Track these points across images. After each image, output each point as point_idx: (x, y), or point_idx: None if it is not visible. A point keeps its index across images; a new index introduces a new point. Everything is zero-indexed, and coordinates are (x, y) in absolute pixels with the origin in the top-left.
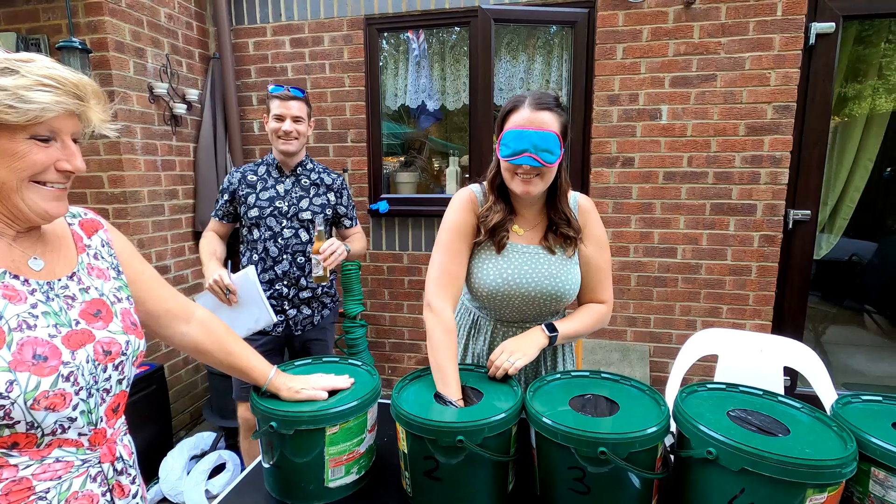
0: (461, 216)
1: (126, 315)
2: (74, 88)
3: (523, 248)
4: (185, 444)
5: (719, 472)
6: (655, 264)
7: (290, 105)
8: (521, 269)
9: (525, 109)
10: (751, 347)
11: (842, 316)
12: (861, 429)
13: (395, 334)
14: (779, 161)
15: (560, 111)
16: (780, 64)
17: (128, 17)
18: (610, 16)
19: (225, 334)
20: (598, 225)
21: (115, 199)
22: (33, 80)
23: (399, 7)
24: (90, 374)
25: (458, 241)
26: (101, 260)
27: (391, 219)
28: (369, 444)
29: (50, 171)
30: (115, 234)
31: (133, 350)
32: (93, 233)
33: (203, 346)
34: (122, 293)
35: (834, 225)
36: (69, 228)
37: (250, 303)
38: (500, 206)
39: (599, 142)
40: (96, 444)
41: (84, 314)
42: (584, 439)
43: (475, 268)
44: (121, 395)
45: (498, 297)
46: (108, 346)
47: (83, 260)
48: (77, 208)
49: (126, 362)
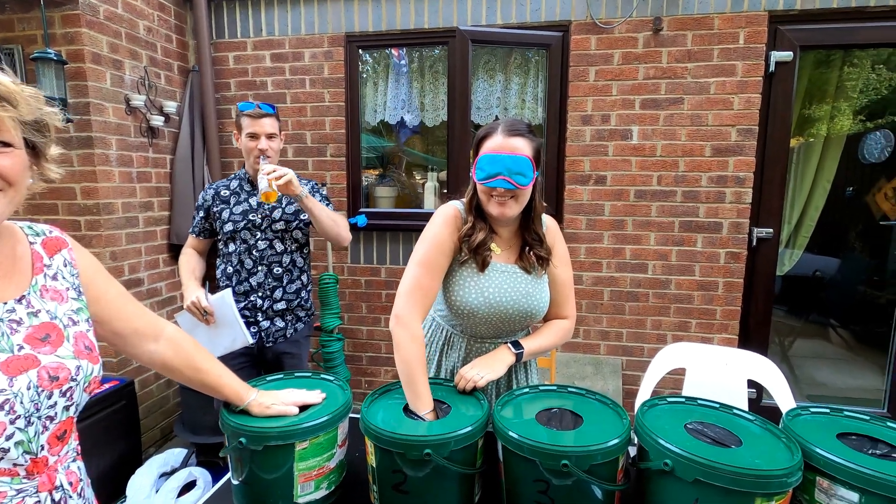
0: (444, 231)
1: (80, 339)
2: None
3: (503, 268)
4: (154, 461)
5: (675, 482)
6: (627, 279)
7: (262, 123)
8: (501, 287)
9: (498, 135)
10: (716, 361)
11: (807, 329)
12: (807, 440)
13: (372, 348)
14: (743, 181)
15: (532, 137)
16: (743, 89)
17: (106, 28)
18: (583, 40)
19: (195, 351)
20: (563, 244)
21: (88, 211)
22: None
23: (379, 26)
24: (31, 402)
25: (440, 257)
26: (60, 280)
27: (369, 233)
28: (340, 459)
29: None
30: (81, 252)
31: (85, 376)
32: (55, 252)
33: (171, 364)
34: (79, 315)
35: (796, 242)
36: (30, 248)
37: (227, 324)
38: (482, 225)
39: (573, 160)
40: (35, 473)
41: (30, 339)
42: (548, 452)
43: (455, 286)
44: (68, 422)
45: (477, 316)
46: (55, 371)
47: (38, 282)
48: (43, 227)
49: (76, 388)
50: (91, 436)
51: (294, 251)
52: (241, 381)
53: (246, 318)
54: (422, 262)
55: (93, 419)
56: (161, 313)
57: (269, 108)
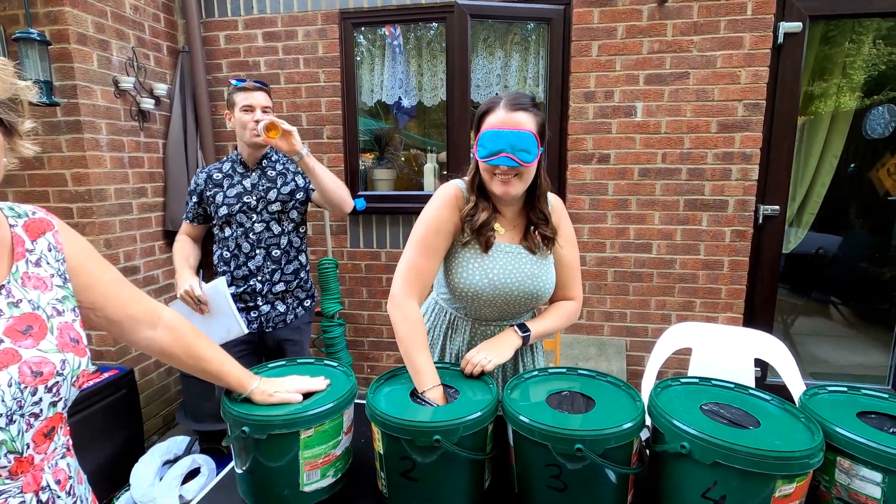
0: (444, 212)
1: (65, 330)
2: None
3: (507, 248)
4: (157, 449)
5: (693, 465)
6: (632, 259)
7: (256, 96)
8: (505, 268)
9: (501, 110)
10: (722, 340)
11: (809, 307)
12: (827, 419)
13: (373, 333)
14: (749, 158)
15: (536, 111)
16: (750, 62)
17: (90, 7)
18: (585, 13)
19: (195, 338)
20: (568, 224)
21: (80, 198)
22: None
23: (374, 1)
24: (13, 399)
25: (437, 238)
26: (43, 267)
27: (368, 216)
28: (346, 446)
29: None
30: (69, 235)
31: (72, 370)
32: (38, 235)
33: (170, 351)
34: (64, 304)
35: (801, 220)
36: (10, 231)
37: (221, 314)
38: (485, 205)
39: (576, 138)
40: (19, 473)
41: (10, 331)
42: (560, 436)
43: (459, 267)
44: (55, 419)
45: (482, 298)
46: (38, 366)
47: (18, 269)
48: (26, 207)
49: (63, 383)
50: (91, 426)
51: (291, 232)
52: (243, 368)
53: (245, 303)
54: (419, 243)
55: (92, 409)
56: (158, 301)
57: (263, 84)
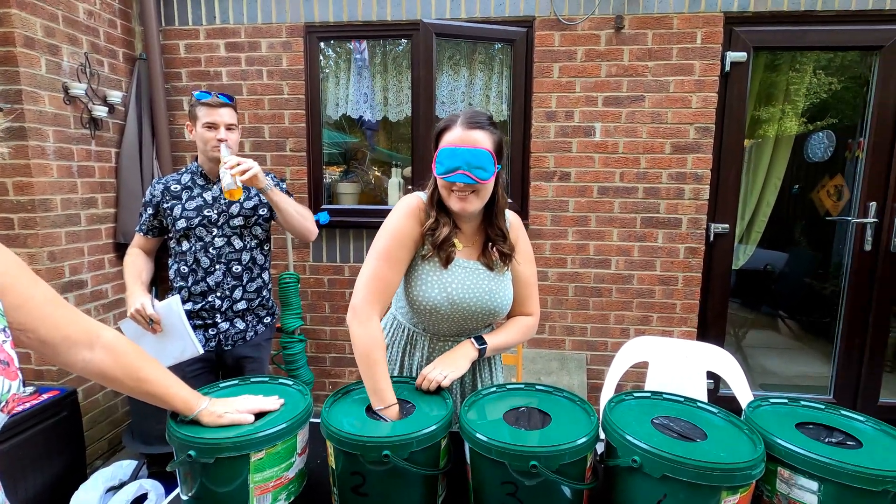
0: (407, 223)
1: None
2: None
3: (465, 264)
4: (99, 475)
5: (643, 479)
6: (591, 275)
7: (220, 112)
8: (463, 284)
9: (458, 128)
10: (677, 354)
11: (759, 321)
12: (769, 431)
13: (335, 349)
14: (700, 178)
15: (493, 129)
16: (701, 88)
17: (39, 10)
18: (546, 36)
19: (137, 359)
20: (526, 241)
21: (22, 208)
22: None
23: (340, 16)
24: None
25: (400, 250)
26: None
27: (332, 230)
28: (299, 468)
29: None
30: (2, 256)
31: (2, 394)
32: None
33: (110, 373)
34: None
35: (749, 237)
36: None
37: (175, 334)
38: (446, 220)
39: (538, 156)
40: None
41: None
42: (516, 454)
43: (418, 281)
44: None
45: (439, 313)
46: None
47: None
48: None
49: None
50: (28, 451)
51: (254, 248)
52: (190, 389)
53: (203, 320)
54: (382, 253)
55: (30, 432)
56: (107, 317)
57: (227, 99)
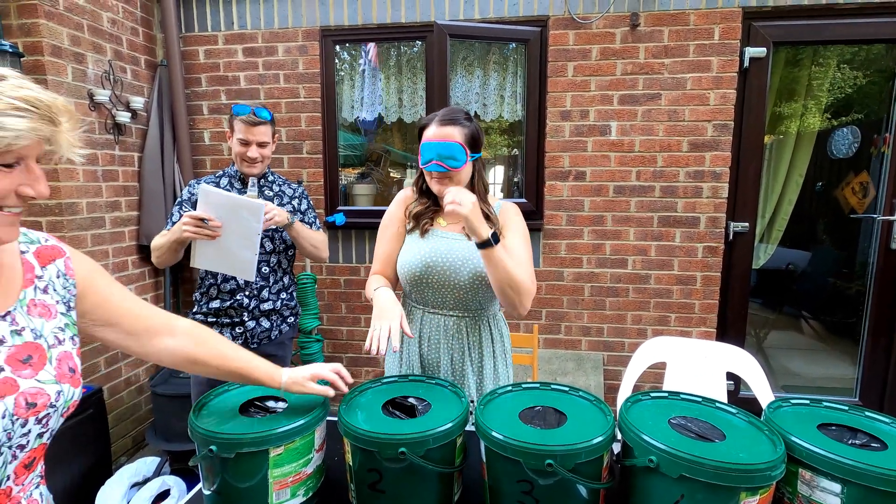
0: (395, 209)
1: (64, 360)
2: (48, 111)
3: (445, 234)
4: (125, 471)
5: (660, 479)
6: (608, 275)
7: (255, 131)
8: (438, 249)
9: (433, 125)
10: (696, 354)
11: (781, 321)
12: (789, 432)
13: (352, 349)
14: (719, 176)
15: (466, 124)
16: (718, 85)
17: (66, 20)
18: (561, 35)
19: (217, 340)
20: (517, 221)
21: (50, 212)
22: (6, 104)
23: (355, 19)
24: (4, 432)
25: (391, 227)
26: (50, 293)
27: (348, 231)
28: (317, 464)
29: (10, 197)
30: (80, 260)
31: (65, 401)
32: (49, 262)
33: (196, 356)
34: (65, 333)
35: (770, 236)
36: (20, 257)
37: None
38: (423, 200)
39: (553, 156)
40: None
41: (11, 360)
42: (531, 452)
43: (402, 251)
44: (39, 450)
45: (419, 278)
46: (33, 397)
47: (26, 296)
48: (38, 234)
49: (53, 415)
50: (57, 447)
51: (281, 252)
52: (268, 363)
53: (231, 318)
54: (378, 236)
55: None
56: None
57: (266, 115)
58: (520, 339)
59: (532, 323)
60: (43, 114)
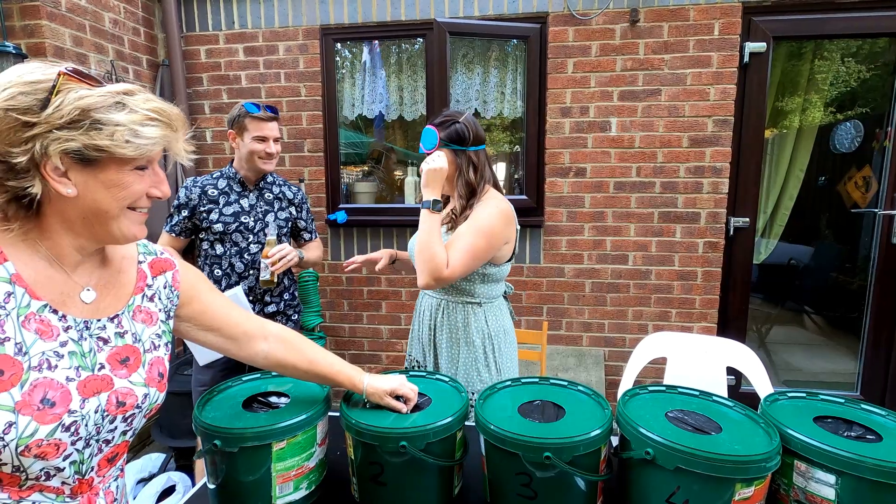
0: None
1: (155, 365)
2: (170, 119)
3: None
4: (130, 468)
5: (657, 471)
6: (608, 271)
7: (270, 126)
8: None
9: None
10: (696, 349)
11: (783, 316)
12: (785, 424)
13: (354, 346)
14: (719, 171)
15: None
16: (719, 80)
17: (68, 21)
18: (560, 31)
19: (303, 344)
20: (485, 214)
21: None
22: (143, 115)
23: (355, 18)
24: (94, 425)
25: None
26: (155, 302)
27: (349, 229)
28: (320, 458)
29: (143, 198)
30: (187, 272)
31: (150, 403)
32: (159, 273)
33: (285, 360)
34: (161, 339)
35: (771, 231)
36: (137, 266)
37: None
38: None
39: (553, 153)
40: (78, 493)
41: (111, 359)
42: (530, 445)
43: None
44: (122, 446)
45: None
46: (123, 396)
47: (134, 302)
48: (156, 246)
49: (138, 415)
50: None
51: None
52: (351, 366)
53: None
54: None
55: None
56: None
57: (275, 112)
58: (528, 336)
59: (533, 319)
60: (168, 122)
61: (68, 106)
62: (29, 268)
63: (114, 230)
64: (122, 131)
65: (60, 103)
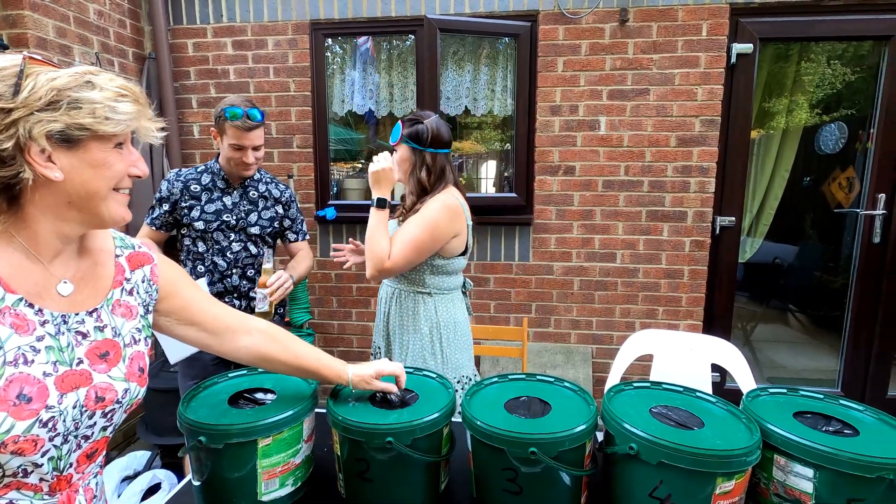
0: None
1: (136, 360)
2: (137, 96)
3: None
4: (115, 465)
5: (640, 466)
6: (597, 269)
7: (251, 135)
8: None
9: None
10: (682, 347)
11: (768, 315)
12: (766, 419)
13: (343, 342)
14: (706, 171)
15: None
16: (706, 80)
17: (52, 12)
18: (551, 30)
19: (288, 339)
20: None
21: None
22: (113, 92)
23: (345, 13)
24: (73, 421)
25: None
26: (134, 296)
27: (339, 226)
28: (306, 454)
29: (125, 178)
30: (166, 267)
31: (130, 398)
32: (137, 266)
33: (269, 354)
34: (141, 334)
35: (757, 230)
36: (115, 259)
37: None
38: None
39: (542, 151)
40: (57, 490)
41: (90, 353)
42: (516, 440)
43: None
44: (101, 442)
45: None
46: (103, 391)
47: (113, 295)
48: (133, 240)
49: (118, 410)
50: None
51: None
52: (335, 359)
53: None
54: None
55: None
56: None
57: (259, 117)
58: (509, 333)
59: (522, 316)
60: (136, 98)
61: (43, 88)
62: (3, 261)
63: (102, 212)
64: (100, 108)
65: (33, 86)
